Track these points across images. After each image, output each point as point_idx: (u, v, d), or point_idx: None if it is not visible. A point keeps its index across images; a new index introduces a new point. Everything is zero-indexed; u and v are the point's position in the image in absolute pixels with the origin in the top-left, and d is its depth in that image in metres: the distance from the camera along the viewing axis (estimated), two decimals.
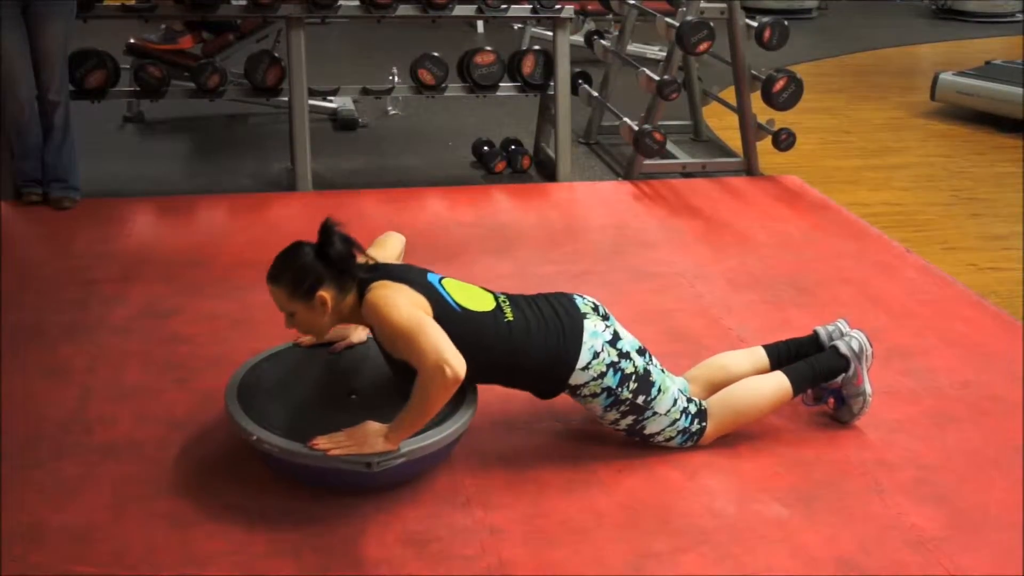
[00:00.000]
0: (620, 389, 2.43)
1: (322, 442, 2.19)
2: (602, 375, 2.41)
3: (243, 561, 2.12)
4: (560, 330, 2.40)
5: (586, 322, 2.43)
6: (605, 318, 2.50)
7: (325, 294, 2.26)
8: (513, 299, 2.46)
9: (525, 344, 2.36)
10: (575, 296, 2.52)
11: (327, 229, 2.27)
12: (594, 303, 2.52)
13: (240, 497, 2.32)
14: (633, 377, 2.44)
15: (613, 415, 2.47)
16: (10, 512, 2.24)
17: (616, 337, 2.46)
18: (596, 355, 2.40)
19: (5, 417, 2.61)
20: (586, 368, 2.40)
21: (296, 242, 2.33)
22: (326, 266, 2.26)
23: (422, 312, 2.23)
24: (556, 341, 2.38)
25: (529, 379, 2.44)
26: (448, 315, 2.27)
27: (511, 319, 2.38)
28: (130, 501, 2.30)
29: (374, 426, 2.21)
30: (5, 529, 2.18)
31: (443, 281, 2.38)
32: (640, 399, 2.45)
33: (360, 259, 2.34)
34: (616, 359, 2.42)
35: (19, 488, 2.32)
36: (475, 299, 2.38)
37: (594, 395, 2.43)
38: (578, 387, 2.43)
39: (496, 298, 2.43)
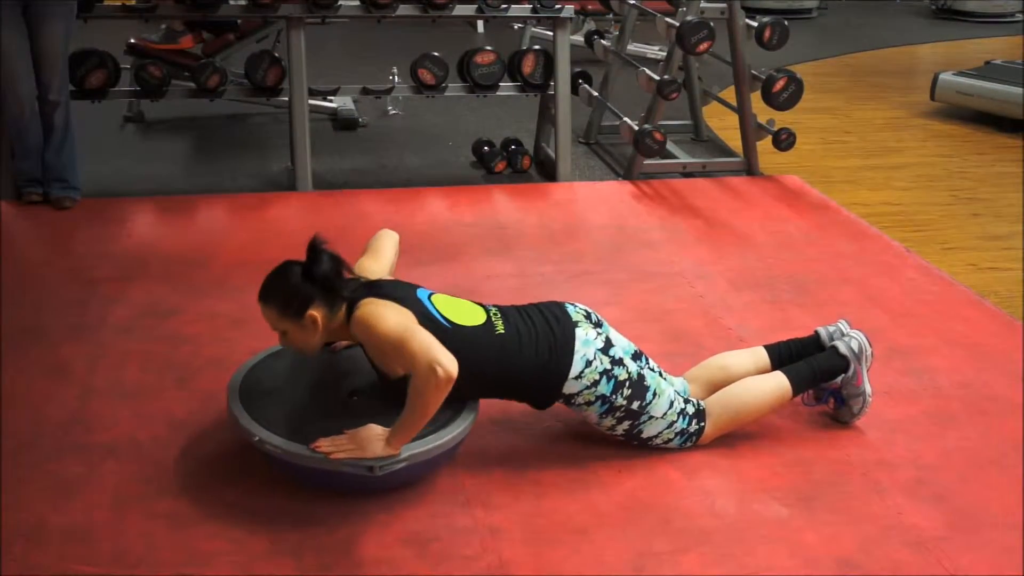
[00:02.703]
0: (614, 396, 2.42)
1: (324, 445, 2.19)
2: (595, 383, 2.40)
3: (243, 561, 2.12)
4: (552, 340, 2.39)
5: (578, 330, 2.43)
6: (598, 325, 2.49)
7: (315, 313, 2.27)
8: (504, 311, 2.45)
9: (517, 356, 2.36)
10: (567, 304, 2.51)
11: (314, 248, 2.28)
12: (586, 310, 2.52)
13: (240, 497, 2.32)
14: (627, 384, 2.43)
15: (609, 421, 2.47)
16: (10, 512, 2.24)
17: (608, 344, 2.45)
18: (589, 363, 2.40)
19: (5, 417, 2.61)
20: (579, 377, 2.39)
21: (285, 262, 2.34)
22: (314, 285, 2.27)
23: (410, 319, 2.23)
24: (548, 351, 2.38)
25: (523, 390, 2.44)
26: (437, 331, 2.25)
27: (502, 332, 2.37)
28: (130, 501, 2.30)
29: (376, 430, 2.21)
30: (5, 529, 2.18)
31: (432, 297, 2.38)
32: (635, 404, 2.45)
33: (349, 275, 2.34)
34: (609, 366, 2.42)
35: (19, 488, 2.33)
36: (465, 314, 2.38)
37: (588, 403, 2.43)
38: (572, 396, 2.42)
39: (487, 311, 2.43)
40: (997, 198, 4.86)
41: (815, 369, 2.65)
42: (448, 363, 2.12)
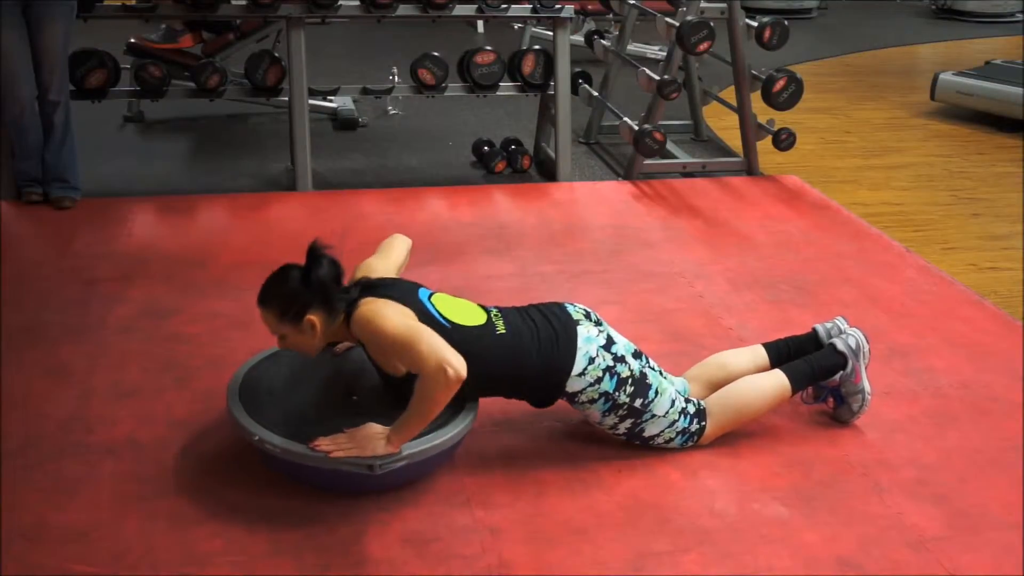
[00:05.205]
0: (617, 393, 2.42)
1: (324, 444, 2.18)
2: (598, 380, 2.40)
3: (243, 561, 2.12)
4: (554, 337, 2.39)
5: (579, 328, 2.43)
6: (598, 324, 2.49)
7: (314, 318, 2.26)
8: (505, 312, 2.45)
9: (519, 354, 2.36)
10: (566, 304, 2.52)
11: (313, 253, 2.28)
12: (586, 310, 2.52)
13: (240, 497, 2.32)
14: (629, 381, 2.43)
15: (611, 420, 2.47)
16: (10, 512, 2.24)
17: (610, 341, 2.45)
18: (591, 360, 2.40)
19: (5, 417, 2.61)
20: (582, 374, 2.39)
21: (284, 265, 2.33)
22: (312, 291, 2.26)
23: (411, 318, 2.23)
24: (551, 348, 2.38)
25: (525, 388, 2.44)
26: (437, 330, 2.23)
27: (503, 332, 2.37)
28: (130, 501, 2.30)
29: (376, 428, 2.21)
30: (5, 529, 2.18)
31: (433, 297, 2.38)
32: (637, 402, 2.45)
33: (348, 281, 2.33)
34: (611, 363, 2.41)
35: (19, 488, 2.32)
36: (465, 314, 2.37)
37: (591, 401, 2.43)
38: (575, 394, 2.42)
39: (488, 312, 2.42)
40: (997, 198, 4.86)
41: (814, 367, 2.66)
42: (458, 363, 2.11)
